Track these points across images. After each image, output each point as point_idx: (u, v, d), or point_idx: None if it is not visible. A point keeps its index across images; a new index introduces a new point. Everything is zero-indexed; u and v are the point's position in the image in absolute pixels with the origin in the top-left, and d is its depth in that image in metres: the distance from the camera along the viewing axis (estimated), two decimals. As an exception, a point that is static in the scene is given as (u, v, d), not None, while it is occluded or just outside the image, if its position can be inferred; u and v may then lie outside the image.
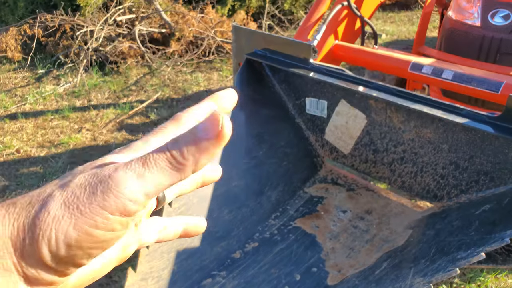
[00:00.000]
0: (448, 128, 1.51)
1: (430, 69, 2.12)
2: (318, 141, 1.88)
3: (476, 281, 2.30)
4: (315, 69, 1.71)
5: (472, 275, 2.33)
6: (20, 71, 5.07)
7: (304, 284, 1.42)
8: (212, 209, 1.51)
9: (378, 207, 1.69)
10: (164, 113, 4.06)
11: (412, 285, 1.05)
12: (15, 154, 3.52)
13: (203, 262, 1.45)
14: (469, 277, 2.32)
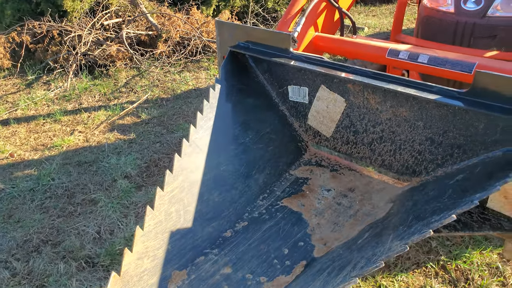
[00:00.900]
0: (422, 105, 1.60)
1: (406, 54, 2.23)
2: (302, 126, 1.97)
3: (462, 258, 2.39)
4: (296, 58, 1.80)
5: (458, 251, 2.43)
6: (10, 78, 5.11)
7: (292, 257, 1.51)
8: (202, 192, 1.60)
9: (361, 185, 1.79)
10: (154, 113, 4.13)
11: (391, 248, 1.14)
12: (9, 158, 3.57)
13: (196, 242, 1.53)
14: (454, 254, 2.42)
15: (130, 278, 1.33)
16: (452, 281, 2.25)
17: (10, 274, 2.44)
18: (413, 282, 2.25)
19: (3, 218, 2.89)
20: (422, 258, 2.40)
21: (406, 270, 2.32)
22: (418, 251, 2.44)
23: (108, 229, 2.74)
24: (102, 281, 2.37)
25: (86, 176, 3.27)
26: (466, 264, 2.33)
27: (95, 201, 3.00)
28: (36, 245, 2.65)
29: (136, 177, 3.21)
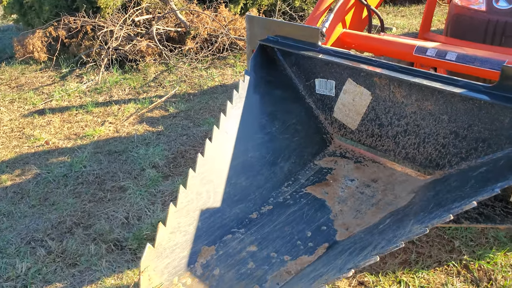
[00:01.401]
0: (447, 99, 1.63)
1: (434, 52, 2.24)
2: (327, 119, 2.03)
3: (485, 258, 2.38)
4: (324, 51, 1.86)
5: (481, 252, 2.43)
6: (46, 71, 5.34)
7: (315, 239, 1.58)
8: (230, 176, 1.68)
9: (384, 176, 1.83)
10: (182, 107, 4.25)
11: (411, 231, 1.18)
12: (45, 146, 3.75)
13: (224, 221, 1.62)
14: (478, 254, 2.41)
15: (163, 250, 1.42)
16: (475, 280, 2.25)
17: (46, 252, 2.59)
18: (434, 280, 2.27)
19: (39, 201, 3.05)
20: (445, 256, 2.40)
21: (428, 267, 2.33)
22: (441, 250, 2.44)
23: (136, 215, 2.86)
24: (130, 263, 2.48)
25: (116, 164, 3.40)
26: (490, 264, 2.32)
27: (124, 188, 3.12)
28: (69, 226, 2.79)
29: (164, 167, 3.33)
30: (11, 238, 2.72)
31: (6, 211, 2.97)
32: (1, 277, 2.44)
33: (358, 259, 1.21)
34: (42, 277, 2.43)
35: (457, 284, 2.21)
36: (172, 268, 1.48)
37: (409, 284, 2.23)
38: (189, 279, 1.48)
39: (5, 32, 7.72)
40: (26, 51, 5.39)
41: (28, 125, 4.14)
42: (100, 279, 2.39)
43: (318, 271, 1.34)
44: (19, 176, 3.34)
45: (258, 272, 1.49)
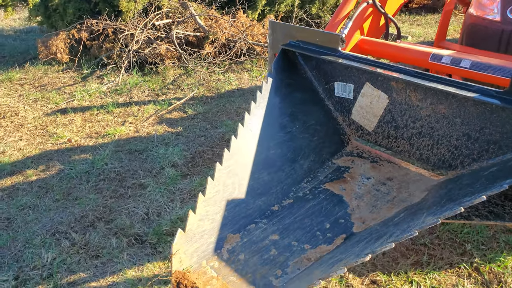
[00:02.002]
0: (460, 103, 1.71)
1: (449, 59, 2.32)
2: (345, 121, 2.12)
3: (496, 261, 2.43)
4: (343, 56, 1.95)
5: (493, 255, 2.47)
6: (67, 72, 5.51)
7: (333, 230, 1.67)
8: (254, 170, 1.78)
9: (399, 175, 1.91)
10: (200, 109, 4.36)
11: (424, 222, 1.26)
12: (67, 144, 3.89)
13: (248, 211, 1.72)
14: (489, 258, 2.46)
15: (193, 235, 1.53)
16: (485, 282, 2.30)
17: (70, 244, 2.70)
18: (445, 281, 2.32)
19: (63, 195, 3.17)
20: (456, 259, 2.46)
21: (439, 269, 2.39)
22: (452, 253, 2.50)
23: (155, 211, 2.96)
24: (150, 257, 2.58)
25: (136, 163, 3.52)
26: (500, 267, 2.37)
27: (144, 185, 3.23)
28: (92, 220, 2.90)
29: (182, 167, 3.44)
30: (36, 230, 2.84)
31: (32, 204, 3.10)
32: (28, 266, 2.56)
33: (374, 246, 1.29)
34: (66, 267, 2.54)
35: (467, 286, 2.26)
36: (200, 252, 1.58)
37: (420, 284, 2.29)
38: (217, 262, 1.58)
39: (29, 33, 7.96)
40: (49, 52, 5.57)
41: (51, 123, 4.29)
42: (122, 270, 2.50)
43: (337, 258, 1.43)
44: (43, 172, 3.48)
45: (280, 258, 1.59)
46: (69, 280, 2.45)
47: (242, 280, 1.49)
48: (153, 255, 2.60)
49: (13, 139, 4.03)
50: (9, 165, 3.59)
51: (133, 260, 2.57)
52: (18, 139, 4.03)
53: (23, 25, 8.69)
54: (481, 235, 2.59)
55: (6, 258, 2.63)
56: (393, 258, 2.47)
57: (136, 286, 2.38)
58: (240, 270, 1.55)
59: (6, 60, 6.32)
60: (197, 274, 1.50)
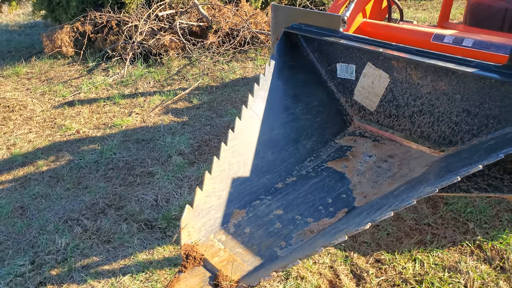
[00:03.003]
0: (460, 79, 1.74)
1: (451, 39, 2.33)
2: (348, 102, 2.15)
3: (499, 239, 2.47)
4: (345, 37, 1.98)
5: (495, 233, 2.51)
6: (73, 65, 5.57)
7: (335, 205, 1.72)
8: (258, 150, 1.84)
9: (400, 153, 1.95)
10: (205, 99, 4.41)
11: (422, 191, 1.30)
12: (76, 135, 3.96)
13: (253, 188, 1.78)
14: (491, 235, 2.49)
15: (200, 211, 1.58)
16: (487, 259, 2.34)
17: (82, 230, 2.78)
18: (448, 258, 2.36)
19: (73, 184, 3.25)
20: (459, 237, 2.50)
21: (442, 247, 2.43)
22: (455, 231, 2.54)
23: (164, 197, 3.03)
24: (160, 241, 2.64)
25: (144, 152, 3.58)
26: (502, 244, 2.40)
27: (153, 173, 3.29)
28: (102, 208, 2.97)
29: (189, 155, 3.49)
30: (50, 217, 2.92)
31: (44, 193, 3.18)
32: (43, 251, 2.64)
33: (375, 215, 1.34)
34: (80, 251, 2.61)
35: (470, 262, 2.31)
36: (208, 227, 1.64)
37: (423, 262, 2.34)
38: (223, 236, 1.64)
39: (33, 28, 8.02)
40: (54, 46, 5.62)
41: (59, 115, 4.36)
42: (133, 254, 2.56)
43: (338, 228, 1.48)
44: (53, 162, 3.55)
45: (284, 231, 1.65)
46: (82, 264, 2.52)
47: (248, 251, 1.55)
48: (163, 239, 2.67)
49: (23, 132, 4.10)
50: (21, 156, 3.67)
51: (144, 244, 2.63)
52: (28, 131, 4.11)
53: (27, 19, 8.75)
54: (483, 214, 2.62)
55: (22, 244, 2.71)
56: (397, 237, 2.51)
57: (148, 269, 2.45)
58: (246, 242, 1.61)
59: (12, 55, 6.39)
60: (205, 247, 1.56)
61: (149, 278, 2.40)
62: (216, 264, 1.47)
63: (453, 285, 2.21)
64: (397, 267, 2.33)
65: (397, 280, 2.26)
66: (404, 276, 2.28)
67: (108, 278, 2.44)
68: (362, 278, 2.29)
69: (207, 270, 1.45)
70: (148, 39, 5.28)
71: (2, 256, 2.62)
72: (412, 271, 2.30)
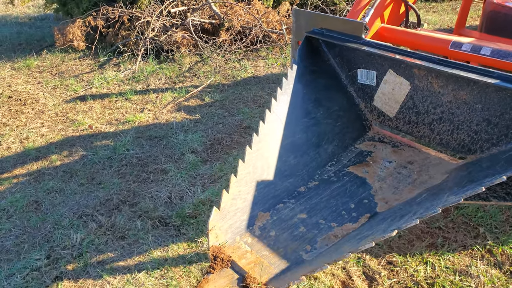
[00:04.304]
0: (482, 89, 1.76)
1: (469, 47, 2.35)
2: (367, 107, 2.17)
3: (509, 244, 2.49)
4: (367, 44, 2.00)
5: (505, 238, 2.53)
6: (84, 59, 5.59)
7: (357, 210, 1.76)
8: (281, 154, 1.87)
9: (419, 159, 1.98)
10: (217, 97, 4.43)
11: (446, 200, 1.33)
12: (88, 130, 3.99)
13: (276, 192, 1.81)
14: (502, 240, 2.52)
15: (227, 213, 1.62)
16: (497, 263, 2.37)
17: (97, 226, 2.81)
18: (459, 262, 2.39)
19: (87, 180, 3.28)
20: (469, 241, 2.52)
21: (453, 251, 2.46)
22: (466, 236, 2.56)
23: (178, 195, 3.06)
24: (174, 238, 2.68)
25: (157, 149, 3.61)
26: (513, 249, 2.44)
27: (166, 170, 3.33)
28: (116, 204, 3.01)
29: (202, 153, 3.52)
30: (64, 212, 2.95)
31: (58, 188, 3.21)
32: (58, 246, 2.68)
33: (400, 222, 1.37)
34: (95, 247, 2.65)
35: (480, 266, 2.33)
36: (234, 229, 1.68)
37: (435, 265, 2.37)
38: (249, 238, 1.68)
39: (43, 21, 8.04)
40: (66, 39, 5.64)
41: (71, 110, 4.39)
42: (148, 251, 2.60)
43: (363, 234, 1.51)
44: (67, 157, 3.59)
45: (309, 235, 1.69)
46: (98, 260, 2.56)
47: (275, 254, 1.59)
48: (177, 237, 2.70)
49: (35, 126, 4.14)
50: (34, 150, 3.70)
51: (158, 241, 2.67)
52: (40, 125, 4.14)
53: (37, 12, 8.77)
54: (494, 219, 2.65)
55: (37, 238, 2.75)
56: (408, 240, 2.54)
57: (162, 266, 2.48)
58: (272, 245, 1.64)
59: (23, 48, 6.42)
60: (232, 249, 1.59)
61: (164, 275, 2.44)
62: (244, 266, 1.51)
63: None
64: (409, 269, 2.36)
65: (409, 282, 2.29)
66: (415, 278, 2.31)
67: (123, 274, 2.47)
68: (374, 279, 2.32)
69: (235, 272, 1.49)
70: (160, 35, 5.30)
71: (18, 250, 2.66)
72: (424, 273, 2.33)
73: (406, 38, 2.59)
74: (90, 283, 2.43)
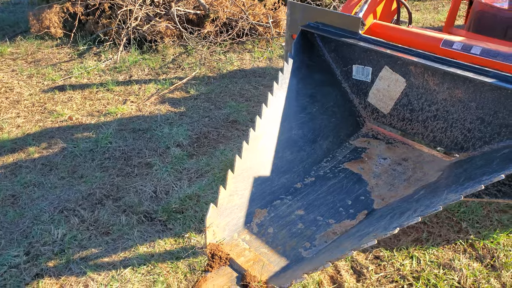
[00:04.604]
0: (477, 88, 1.78)
1: (460, 45, 2.37)
2: (361, 103, 2.16)
3: (489, 238, 2.55)
4: (363, 39, 1.98)
5: (486, 232, 2.59)
6: (62, 47, 5.39)
7: (355, 207, 1.75)
8: (278, 150, 1.84)
9: (413, 156, 1.99)
10: (202, 89, 4.35)
11: (446, 198, 1.33)
12: (68, 121, 3.85)
13: (273, 188, 1.78)
14: (483, 235, 2.58)
15: (224, 210, 1.58)
16: (479, 257, 2.43)
17: (79, 221, 2.72)
18: (443, 256, 2.44)
19: (68, 173, 3.16)
20: (453, 236, 2.58)
21: (437, 245, 2.51)
22: (449, 230, 2.61)
23: (163, 189, 2.98)
24: (161, 234, 2.61)
25: (141, 142, 3.52)
26: (493, 244, 2.50)
27: (151, 164, 3.24)
28: (99, 198, 2.91)
29: (188, 147, 3.45)
30: (44, 207, 2.84)
31: (37, 181, 3.09)
32: (38, 242, 2.57)
33: (401, 220, 1.36)
34: (78, 243, 2.56)
35: (463, 260, 2.39)
36: (232, 226, 1.64)
37: (420, 259, 2.41)
38: (247, 235, 1.65)
39: (17, 5, 7.70)
40: (42, 26, 5.42)
41: (49, 100, 4.22)
42: (133, 247, 2.53)
43: (363, 231, 1.50)
44: (45, 149, 3.45)
45: (307, 232, 1.67)
46: (81, 256, 2.47)
47: (273, 252, 1.56)
48: (163, 232, 2.64)
49: (10, 116, 3.96)
50: (9, 142, 3.55)
51: (144, 237, 2.60)
52: (16, 115, 3.97)
53: (10, -3, 8.40)
54: (475, 214, 2.71)
55: (15, 234, 2.63)
56: (395, 235, 2.57)
57: (149, 262, 2.42)
58: (270, 242, 1.61)
59: (-4, 34, 6.14)
60: (230, 246, 1.55)
61: (150, 271, 2.38)
62: (243, 264, 1.47)
63: (448, 281, 2.28)
64: (395, 263, 2.39)
65: (396, 276, 2.31)
66: (402, 272, 2.34)
67: (108, 271, 2.40)
68: (362, 274, 2.33)
69: (234, 270, 1.45)
70: (142, 24, 5.15)
71: (-5, 246, 2.55)
72: (410, 267, 2.36)
73: (398, 35, 2.59)
74: (73, 280, 2.35)
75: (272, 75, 4.66)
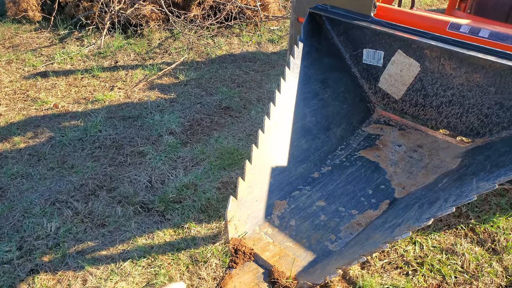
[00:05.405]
0: (497, 72, 1.73)
1: (467, 29, 2.32)
2: (371, 88, 2.10)
3: (490, 222, 2.58)
4: (376, 22, 1.91)
5: (486, 217, 2.62)
6: (42, 32, 5.13)
7: (376, 196, 1.69)
8: (293, 138, 1.76)
9: (428, 142, 1.95)
10: (192, 75, 4.22)
11: (479, 187, 1.29)
12: (54, 109, 3.67)
13: (291, 178, 1.71)
14: (483, 219, 2.60)
15: (244, 202, 1.50)
16: (480, 241, 2.45)
17: (73, 213, 2.59)
18: (445, 240, 2.45)
19: (58, 164, 3.02)
20: (453, 221, 2.59)
21: (439, 230, 2.51)
22: (450, 215, 2.62)
23: (159, 179, 2.88)
24: (159, 224, 2.52)
25: (132, 130, 3.39)
26: (493, 227, 2.52)
27: (144, 153, 3.12)
28: (93, 189, 2.79)
29: (181, 134, 3.34)
30: (34, 199, 2.70)
31: (25, 172, 2.93)
32: (30, 236, 2.44)
33: (432, 210, 1.31)
34: (73, 236, 2.44)
35: (464, 244, 2.41)
36: (253, 219, 1.56)
37: (422, 244, 2.41)
38: (269, 228, 1.57)
39: (-11, -12, 7.29)
40: (19, 9, 5.15)
41: (32, 87, 4.02)
42: (131, 239, 2.43)
43: (392, 222, 1.45)
44: (32, 139, 3.28)
45: (331, 224, 1.60)
46: (77, 249, 2.37)
47: (298, 245, 1.50)
48: (162, 223, 2.55)
49: (-10, 103, 3.75)
50: (-8, 131, 3.36)
51: (142, 228, 2.51)
52: (-4, 103, 3.76)
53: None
54: (473, 199, 2.73)
55: (5, 228, 2.50)
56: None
57: (149, 254, 2.33)
58: (294, 235, 1.54)
59: (-31, 17, 5.79)
60: (253, 240, 1.48)
61: (151, 264, 2.30)
62: (268, 259, 1.40)
63: (451, 266, 2.29)
64: (399, 250, 2.39)
65: (400, 262, 2.31)
66: (406, 258, 2.33)
67: (107, 264, 2.30)
68: (367, 261, 2.32)
69: (259, 266, 1.37)
70: (126, 8, 4.94)
71: (-16, 242, 2.41)
72: (413, 253, 2.36)
73: (403, 18, 2.53)
74: (70, 275, 2.24)
75: (262, 60, 4.57)
